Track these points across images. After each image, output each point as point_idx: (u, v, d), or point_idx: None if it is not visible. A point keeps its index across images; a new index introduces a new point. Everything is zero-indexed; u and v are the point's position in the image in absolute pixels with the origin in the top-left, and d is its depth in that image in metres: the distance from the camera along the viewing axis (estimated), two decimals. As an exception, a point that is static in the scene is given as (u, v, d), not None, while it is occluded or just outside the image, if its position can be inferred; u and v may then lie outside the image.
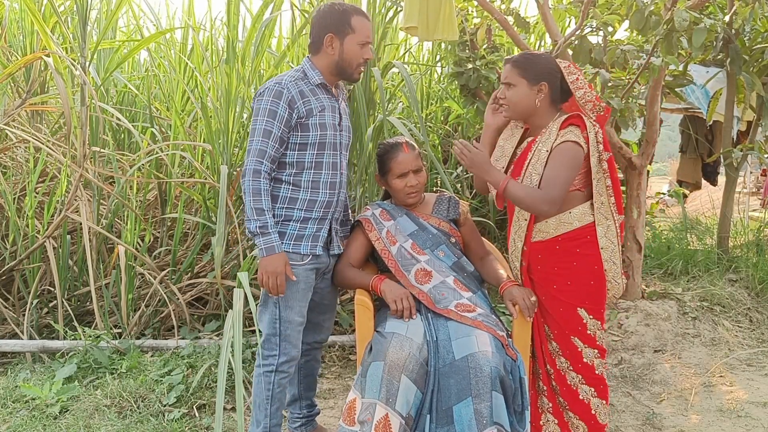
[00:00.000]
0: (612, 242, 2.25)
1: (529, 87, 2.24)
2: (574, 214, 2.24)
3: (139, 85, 4.79)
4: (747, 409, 3.03)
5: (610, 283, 2.28)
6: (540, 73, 2.24)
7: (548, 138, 2.23)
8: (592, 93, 2.26)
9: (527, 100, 2.25)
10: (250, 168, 2.17)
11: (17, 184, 4.06)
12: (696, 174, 7.54)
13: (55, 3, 3.76)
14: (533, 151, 2.25)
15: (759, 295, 4.38)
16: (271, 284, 2.16)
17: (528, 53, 2.36)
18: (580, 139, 2.18)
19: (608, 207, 2.25)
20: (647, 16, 3.02)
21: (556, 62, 2.28)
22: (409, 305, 2.27)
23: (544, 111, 2.27)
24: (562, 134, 2.19)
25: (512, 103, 2.28)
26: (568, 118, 2.23)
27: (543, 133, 2.26)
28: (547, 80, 2.24)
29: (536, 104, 2.25)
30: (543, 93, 2.25)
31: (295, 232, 2.25)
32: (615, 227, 2.26)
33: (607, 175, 2.24)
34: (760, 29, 4.45)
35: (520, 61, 2.27)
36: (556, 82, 2.27)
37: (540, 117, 2.28)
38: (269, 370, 2.26)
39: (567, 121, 2.22)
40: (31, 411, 2.83)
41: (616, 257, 2.27)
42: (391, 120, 3.43)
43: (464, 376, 2.06)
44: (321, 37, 2.25)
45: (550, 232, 2.27)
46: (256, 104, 2.22)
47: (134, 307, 3.60)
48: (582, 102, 2.26)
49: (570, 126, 2.21)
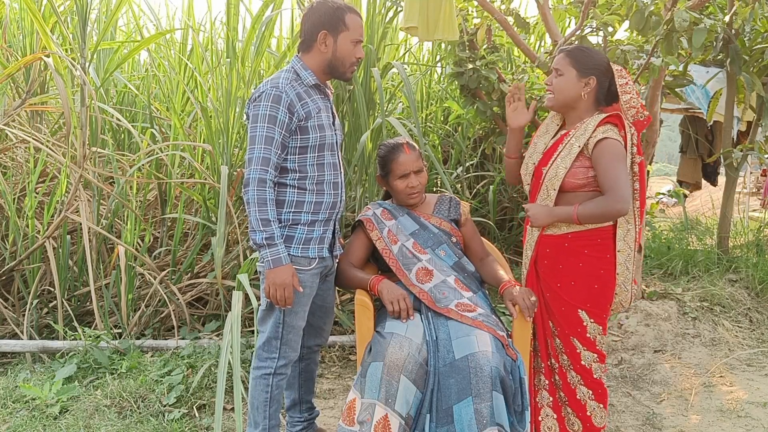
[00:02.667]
0: (629, 246, 2.24)
1: (578, 78, 2.23)
2: None
3: (139, 85, 4.79)
4: (747, 410, 3.02)
5: (619, 288, 2.26)
6: (591, 67, 2.24)
7: (583, 133, 2.21)
8: (638, 100, 2.25)
9: (573, 90, 2.24)
10: (254, 177, 2.08)
11: (17, 185, 4.06)
12: (696, 174, 7.54)
13: (55, 3, 3.75)
14: (564, 144, 2.24)
15: (759, 295, 4.38)
16: (279, 297, 2.11)
17: (584, 47, 2.35)
18: (619, 137, 2.17)
19: (632, 211, 2.23)
20: (647, 17, 3.02)
21: (610, 63, 2.28)
22: (406, 306, 2.27)
23: (587, 106, 2.27)
24: (601, 131, 2.18)
25: (557, 91, 2.27)
26: (607, 116, 2.23)
27: (578, 128, 2.25)
28: (596, 75, 2.24)
29: (582, 96, 2.24)
30: (590, 87, 2.24)
31: (303, 235, 2.21)
32: (634, 232, 2.24)
33: (637, 178, 2.23)
34: (760, 29, 4.45)
35: (575, 51, 2.27)
36: (605, 81, 2.26)
37: (580, 111, 2.27)
38: (268, 372, 2.24)
39: (605, 120, 2.22)
40: (31, 411, 2.83)
41: (630, 262, 2.25)
42: (390, 120, 3.43)
43: (464, 376, 2.06)
44: (314, 34, 2.19)
45: (561, 227, 2.25)
46: (253, 110, 2.14)
47: (134, 307, 3.60)
48: (626, 107, 2.26)
49: (608, 124, 2.20)
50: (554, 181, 2.24)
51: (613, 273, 2.25)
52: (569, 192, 2.24)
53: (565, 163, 2.20)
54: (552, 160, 2.26)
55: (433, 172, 4.12)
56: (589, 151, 2.19)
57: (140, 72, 5.01)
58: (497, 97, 4.02)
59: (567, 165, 2.19)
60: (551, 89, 2.30)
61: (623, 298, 2.29)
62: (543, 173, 2.29)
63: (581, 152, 2.21)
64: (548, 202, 2.27)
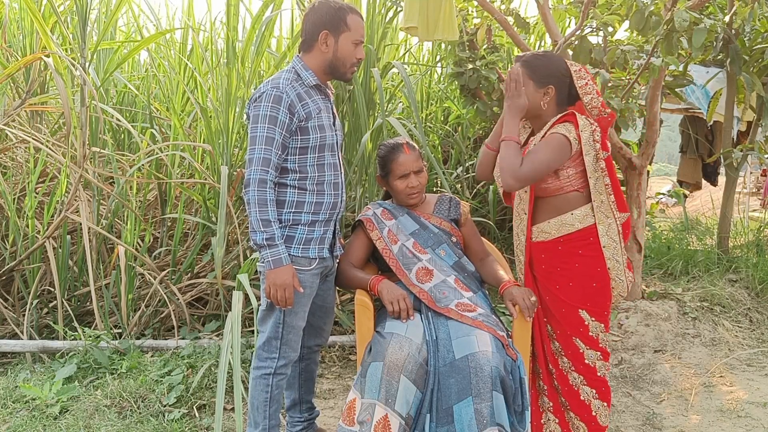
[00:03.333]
0: (614, 240, 2.24)
1: (536, 89, 2.22)
2: (576, 215, 2.23)
3: (139, 85, 4.79)
4: (747, 410, 3.02)
5: (614, 281, 2.27)
6: (548, 76, 2.22)
7: (540, 135, 2.23)
8: (599, 99, 2.24)
9: (533, 101, 2.23)
10: (255, 177, 2.08)
11: (17, 185, 4.06)
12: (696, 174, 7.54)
13: (55, 3, 3.75)
14: (529, 149, 2.25)
15: (759, 295, 4.38)
16: (279, 297, 2.11)
17: (539, 54, 2.31)
18: (571, 134, 2.16)
19: (608, 205, 2.24)
20: (647, 17, 3.02)
21: (567, 65, 2.25)
22: (405, 307, 2.27)
23: (549, 113, 2.26)
24: (552, 129, 2.19)
25: None
26: (562, 116, 2.22)
27: (539, 133, 2.26)
28: (554, 84, 2.22)
29: (542, 106, 2.24)
30: (549, 96, 2.23)
31: (303, 235, 2.21)
32: (616, 225, 2.25)
33: (605, 173, 2.23)
34: (760, 29, 4.45)
35: (530, 60, 2.24)
36: (565, 86, 2.25)
37: (544, 118, 2.27)
38: (268, 372, 2.24)
39: (560, 119, 2.22)
40: (31, 411, 2.83)
41: (619, 255, 2.26)
42: (391, 121, 3.43)
43: (464, 376, 2.06)
44: (315, 34, 2.18)
45: (552, 233, 2.26)
46: (253, 110, 2.14)
47: (134, 307, 3.60)
48: (589, 108, 2.25)
49: (564, 122, 2.20)
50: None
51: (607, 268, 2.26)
52: (549, 197, 2.26)
53: None
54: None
55: (433, 173, 4.12)
56: None
57: (140, 72, 5.01)
58: (497, 97, 4.02)
59: None
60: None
61: (620, 289, 2.30)
62: None
63: None
64: (524, 207, 2.30)
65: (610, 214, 2.25)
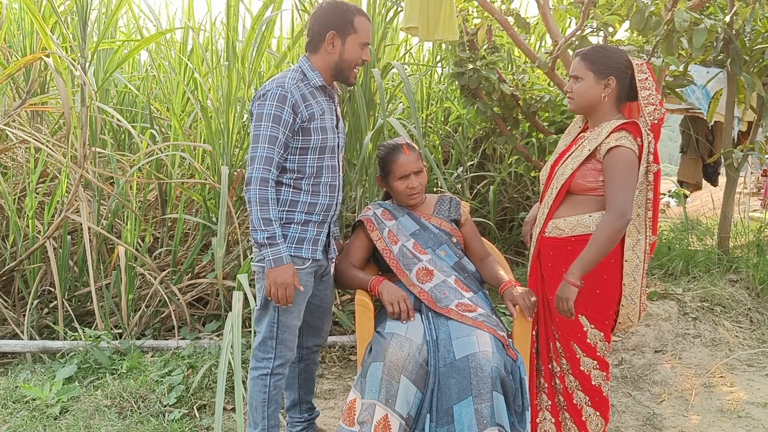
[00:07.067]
0: (638, 257, 2.18)
1: (597, 81, 2.18)
2: (593, 217, 2.17)
3: (139, 85, 4.79)
4: (747, 410, 3.02)
5: (626, 299, 2.21)
6: (609, 67, 2.18)
7: (597, 137, 2.16)
8: (657, 97, 2.18)
9: (593, 94, 2.19)
10: (256, 176, 2.08)
11: (17, 185, 4.05)
12: (696, 174, 7.53)
13: (55, 3, 3.75)
14: (578, 145, 2.21)
15: (759, 295, 4.38)
16: (280, 295, 2.11)
17: (600, 47, 2.27)
18: (634, 145, 2.11)
19: (644, 220, 2.18)
20: (648, 17, 3.02)
21: (629, 58, 2.21)
22: (406, 308, 2.27)
23: (609, 107, 2.21)
24: (615, 137, 2.12)
25: (577, 96, 2.22)
26: (623, 123, 2.16)
27: (594, 130, 2.20)
28: (615, 75, 2.18)
29: (602, 99, 2.19)
30: (610, 88, 2.19)
31: (296, 234, 2.21)
32: (645, 243, 2.18)
33: (651, 187, 2.17)
34: (761, 30, 4.45)
35: (590, 54, 2.21)
36: (626, 79, 2.20)
37: (603, 113, 2.22)
38: (265, 373, 2.23)
39: (621, 126, 2.15)
40: (31, 411, 2.83)
41: (638, 275, 2.19)
42: (391, 121, 3.43)
43: (465, 376, 2.06)
44: (322, 35, 2.18)
45: (565, 230, 2.21)
46: (257, 108, 2.13)
47: (134, 307, 3.60)
48: (645, 103, 2.17)
49: (623, 131, 2.14)
50: (560, 180, 2.21)
51: (617, 279, 2.20)
52: (578, 194, 2.20)
53: (573, 163, 2.17)
54: (564, 159, 2.24)
55: (433, 173, 4.12)
56: (601, 155, 2.14)
57: (140, 72, 5.01)
58: (497, 97, 4.02)
59: (575, 165, 2.16)
60: (570, 95, 2.25)
61: (630, 311, 2.22)
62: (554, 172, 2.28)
63: (593, 155, 2.16)
64: (549, 201, 2.25)
65: (642, 230, 2.18)
